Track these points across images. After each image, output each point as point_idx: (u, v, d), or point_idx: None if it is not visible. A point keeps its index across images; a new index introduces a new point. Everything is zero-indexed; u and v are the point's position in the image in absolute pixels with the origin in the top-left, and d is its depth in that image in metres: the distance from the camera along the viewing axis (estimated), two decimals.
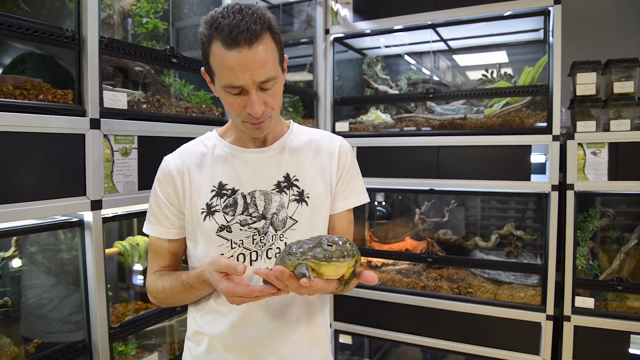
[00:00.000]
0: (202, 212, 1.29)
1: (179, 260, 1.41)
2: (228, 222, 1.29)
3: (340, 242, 0.98)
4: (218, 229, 1.28)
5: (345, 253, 0.97)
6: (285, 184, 1.32)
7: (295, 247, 1.01)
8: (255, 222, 1.29)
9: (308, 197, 1.33)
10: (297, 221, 1.31)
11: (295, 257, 1.00)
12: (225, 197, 1.30)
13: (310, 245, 0.99)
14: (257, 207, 1.30)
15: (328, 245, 0.97)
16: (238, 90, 1.17)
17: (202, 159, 1.35)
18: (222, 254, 1.28)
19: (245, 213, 1.29)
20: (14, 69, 1.61)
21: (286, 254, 1.03)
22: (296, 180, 1.33)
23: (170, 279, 1.30)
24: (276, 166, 1.34)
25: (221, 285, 1.09)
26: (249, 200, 1.30)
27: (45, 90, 1.53)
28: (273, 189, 1.31)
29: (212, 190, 1.30)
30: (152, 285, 1.35)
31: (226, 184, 1.31)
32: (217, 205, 1.29)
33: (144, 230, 1.38)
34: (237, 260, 1.28)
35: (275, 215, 1.30)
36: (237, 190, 1.30)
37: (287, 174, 1.33)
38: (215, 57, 1.14)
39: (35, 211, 1.46)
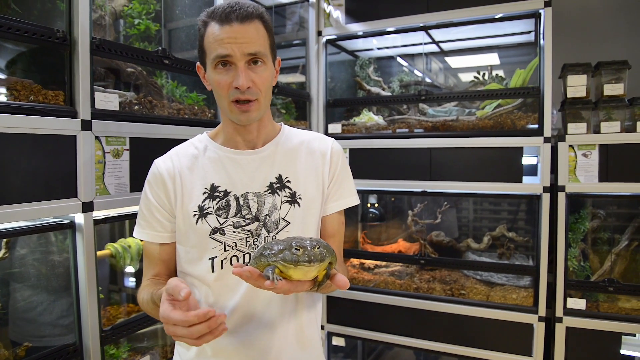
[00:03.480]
0: (195, 215, 1.28)
1: (172, 267, 1.38)
2: (221, 224, 1.28)
3: (309, 247, 0.97)
4: (211, 232, 1.27)
5: (313, 258, 0.96)
6: (277, 185, 1.32)
7: (269, 249, 1.01)
8: (248, 224, 1.29)
9: (300, 198, 1.33)
10: (289, 222, 1.31)
11: (266, 259, 1.00)
12: (218, 199, 1.29)
13: (281, 247, 0.99)
14: (250, 209, 1.29)
15: (296, 249, 0.97)
16: (226, 61, 1.20)
17: (194, 161, 1.34)
18: (215, 257, 1.27)
19: (239, 215, 1.29)
20: (4, 69, 1.59)
21: (259, 255, 1.03)
22: (288, 181, 1.33)
23: (149, 291, 1.25)
24: (268, 167, 1.33)
25: (162, 306, 1.01)
26: (241, 202, 1.29)
27: (36, 91, 1.52)
28: (266, 191, 1.31)
29: (204, 193, 1.30)
30: (139, 294, 1.32)
31: (218, 186, 1.30)
32: (209, 207, 1.29)
33: (135, 235, 1.36)
34: (230, 262, 1.27)
35: (267, 216, 1.30)
36: (230, 192, 1.30)
37: (279, 175, 1.33)
38: (209, 36, 1.21)
39: (26, 213, 1.45)
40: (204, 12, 1.24)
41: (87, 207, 1.63)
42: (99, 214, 1.71)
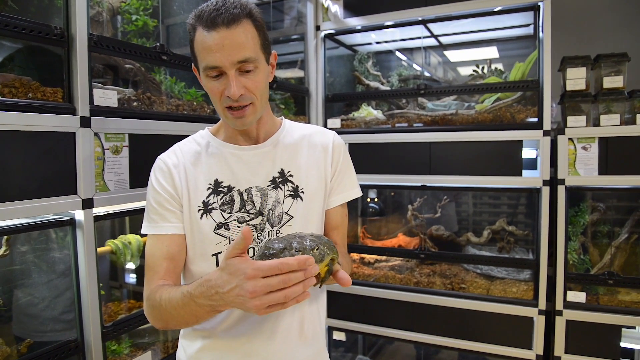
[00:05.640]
0: (199, 210, 1.29)
1: (179, 266, 1.31)
2: (226, 219, 1.28)
3: (309, 249, 0.99)
4: (216, 227, 1.28)
5: (313, 259, 0.97)
6: (280, 179, 1.33)
7: (270, 249, 1.00)
8: (252, 218, 1.29)
9: (303, 192, 1.33)
10: (292, 217, 1.31)
11: (268, 259, 0.98)
12: (222, 195, 1.30)
13: (281, 246, 0.99)
14: (254, 203, 1.30)
15: (296, 251, 0.97)
16: (217, 72, 1.18)
17: (197, 157, 1.34)
18: (220, 252, 1.27)
19: (243, 210, 1.29)
20: (2, 67, 1.59)
21: (262, 254, 1.02)
22: (290, 175, 1.34)
23: (170, 290, 1.17)
24: (271, 162, 1.34)
25: (244, 263, 0.95)
26: (245, 197, 1.30)
27: (34, 89, 1.52)
28: (269, 185, 1.32)
29: (209, 188, 1.30)
30: (150, 298, 1.22)
31: (222, 182, 1.31)
32: (214, 202, 1.29)
33: (147, 231, 1.30)
34: None
35: (271, 211, 1.30)
36: (234, 187, 1.30)
37: (281, 169, 1.34)
38: (197, 42, 1.18)
39: (26, 210, 1.45)
40: (192, 13, 1.20)
41: (87, 204, 1.63)
42: (98, 210, 1.71)
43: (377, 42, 3.44)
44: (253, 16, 1.19)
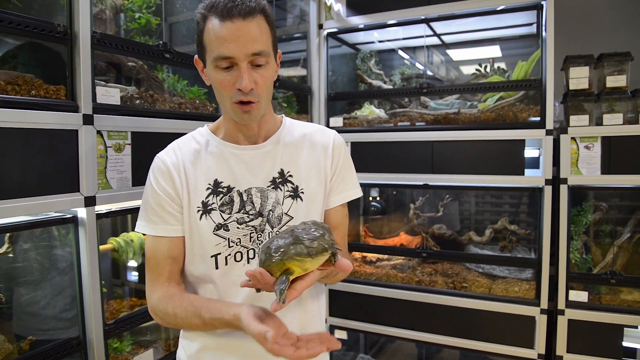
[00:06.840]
0: (199, 211, 1.28)
1: (181, 265, 1.32)
2: (225, 220, 1.27)
3: (319, 235, 0.98)
4: (215, 228, 1.27)
5: (327, 246, 0.97)
6: (279, 180, 1.32)
7: (274, 247, 0.98)
8: (252, 219, 1.28)
9: (302, 192, 1.33)
10: (292, 217, 1.31)
11: (279, 258, 0.96)
12: (222, 195, 1.29)
13: (288, 242, 0.97)
14: (253, 204, 1.29)
15: (310, 241, 0.96)
16: (228, 63, 1.16)
17: (196, 156, 1.32)
18: (219, 253, 1.27)
19: (242, 211, 1.28)
20: (5, 64, 1.59)
21: (266, 255, 0.99)
22: (290, 176, 1.33)
23: (183, 306, 1.20)
24: (271, 162, 1.33)
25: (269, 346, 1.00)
26: (245, 198, 1.29)
27: (37, 86, 1.52)
28: (269, 186, 1.31)
29: (208, 188, 1.29)
30: (159, 307, 1.25)
31: (222, 182, 1.29)
32: (213, 203, 1.28)
33: (145, 232, 1.30)
34: (235, 258, 1.27)
35: (271, 212, 1.29)
36: (233, 187, 1.29)
37: (281, 170, 1.33)
38: (209, 31, 1.16)
39: (29, 207, 1.45)
40: (203, 4, 1.18)
41: (90, 202, 1.63)
42: (101, 208, 1.70)
43: (380, 41, 3.44)
44: (266, 12, 1.19)
